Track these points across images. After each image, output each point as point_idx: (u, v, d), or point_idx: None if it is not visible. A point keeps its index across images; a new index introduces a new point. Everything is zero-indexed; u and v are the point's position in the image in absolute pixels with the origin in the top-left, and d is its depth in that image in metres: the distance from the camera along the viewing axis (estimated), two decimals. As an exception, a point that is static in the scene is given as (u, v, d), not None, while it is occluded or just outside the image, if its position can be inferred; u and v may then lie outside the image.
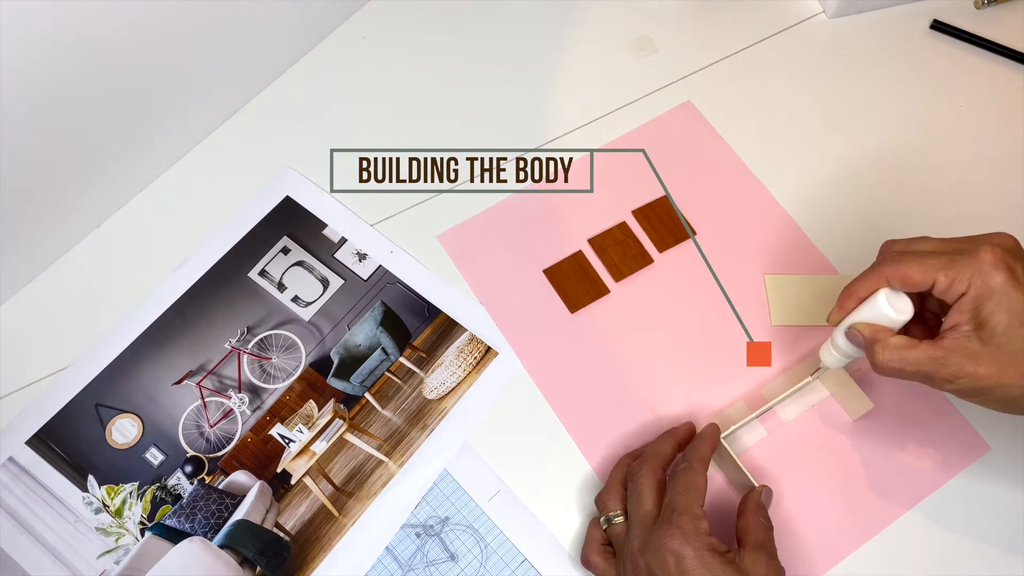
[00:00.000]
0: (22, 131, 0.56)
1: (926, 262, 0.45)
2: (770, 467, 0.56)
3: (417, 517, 0.57)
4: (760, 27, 0.70)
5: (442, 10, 0.73)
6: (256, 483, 0.59)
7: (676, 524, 0.46)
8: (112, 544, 0.58)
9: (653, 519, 0.48)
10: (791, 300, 0.60)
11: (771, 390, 0.58)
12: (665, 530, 0.46)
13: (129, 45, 0.58)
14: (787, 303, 0.60)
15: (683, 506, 0.47)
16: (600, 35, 0.71)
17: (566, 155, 0.66)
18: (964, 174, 0.64)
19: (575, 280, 0.62)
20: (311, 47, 0.72)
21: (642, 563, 0.47)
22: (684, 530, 0.46)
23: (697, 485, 0.48)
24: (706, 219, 0.64)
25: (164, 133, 0.66)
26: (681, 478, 0.49)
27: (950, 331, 0.45)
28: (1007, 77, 0.67)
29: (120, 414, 0.61)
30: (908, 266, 0.45)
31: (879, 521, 0.54)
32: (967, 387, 0.44)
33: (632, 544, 0.48)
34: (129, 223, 0.67)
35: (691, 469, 0.49)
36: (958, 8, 0.69)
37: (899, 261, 0.46)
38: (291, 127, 0.69)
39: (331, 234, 0.66)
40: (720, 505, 0.55)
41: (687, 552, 0.45)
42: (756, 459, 0.56)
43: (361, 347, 0.63)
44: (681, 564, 0.45)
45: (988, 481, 0.55)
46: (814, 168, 0.65)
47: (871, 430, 0.56)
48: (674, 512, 0.47)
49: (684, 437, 0.54)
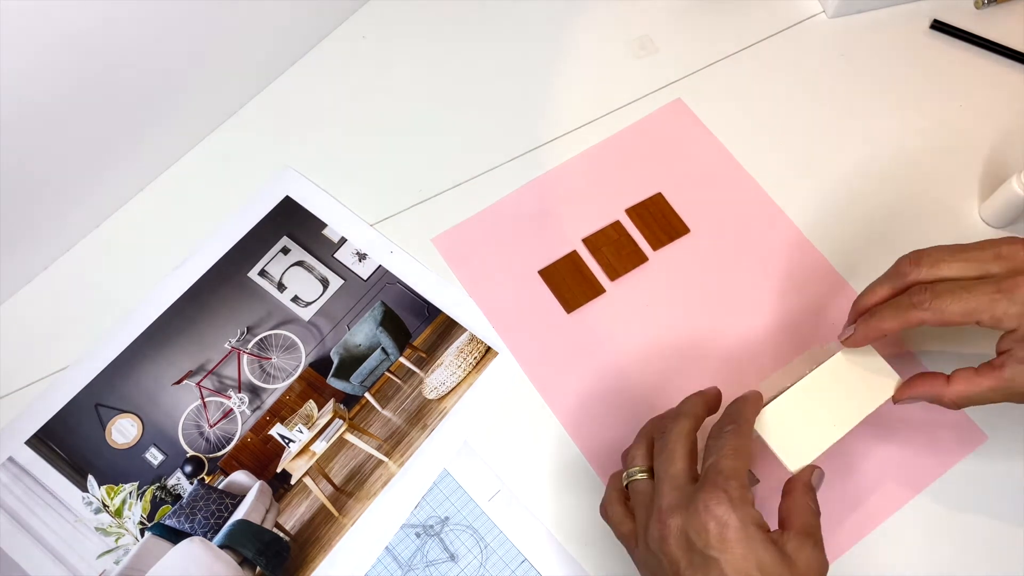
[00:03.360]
0: (21, 131, 0.56)
1: (965, 305, 0.44)
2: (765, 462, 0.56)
3: (417, 517, 0.57)
4: (760, 27, 0.70)
5: (442, 10, 0.73)
6: (256, 483, 0.59)
7: (724, 488, 0.42)
8: (112, 544, 0.58)
9: (685, 478, 0.45)
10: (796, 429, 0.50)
11: (768, 385, 0.58)
12: (711, 492, 0.42)
13: (129, 45, 0.58)
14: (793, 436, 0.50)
15: (731, 470, 0.43)
16: (600, 35, 0.71)
17: (564, 155, 0.66)
18: (964, 174, 0.64)
19: (570, 280, 0.62)
20: (311, 47, 0.72)
21: (674, 524, 0.43)
22: (732, 497, 0.42)
23: (748, 450, 0.45)
24: (700, 217, 0.64)
25: (164, 133, 0.66)
26: (731, 440, 0.45)
27: (1006, 356, 0.45)
28: (1007, 77, 0.67)
29: (120, 414, 0.61)
30: (947, 314, 0.45)
31: (878, 514, 0.55)
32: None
33: (660, 502, 0.44)
34: (129, 223, 0.67)
35: (740, 432, 0.45)
36: (958, 8, 0.69)
37: (937, 309, 0.45)
38: (291, 126, 0.69)
39: (331, 234, 0.66)
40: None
41: (732, 521, 0.41)
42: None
43: (361, 347, 0.63)
44: (723, 532, 0.41)
45: (986, 470, 0.55)
46: (813, 167, 0.65)
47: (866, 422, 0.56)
48: (720, 475, 0.43)
49: (714, 400, 0.51)
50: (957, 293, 0.45)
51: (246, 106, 0.70)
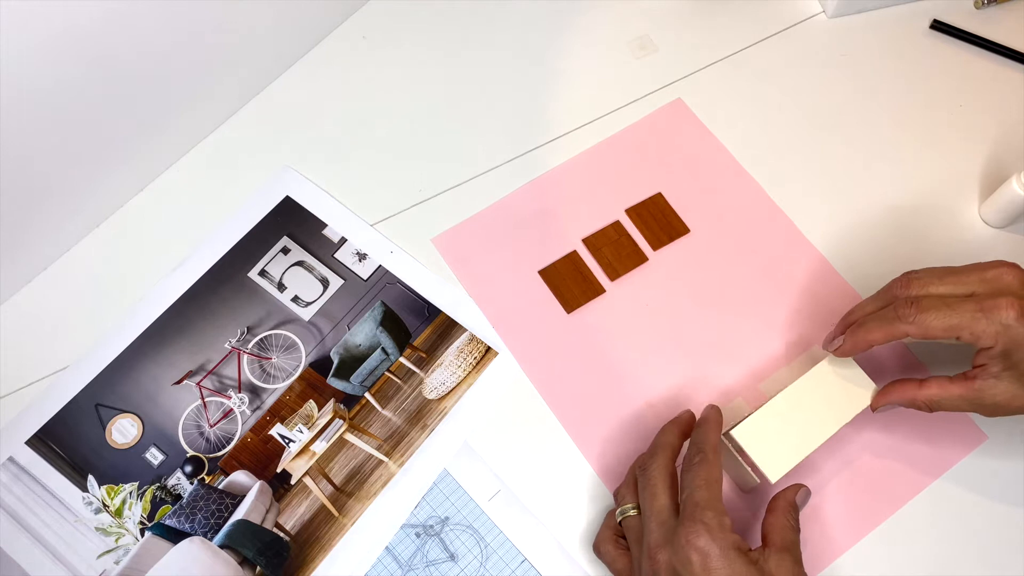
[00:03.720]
0: (20, 131, 0.56)
1: (947, 321, 0.47)
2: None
3: (417, 517, 0.57)
4: (759, 27, 0.70)
5: (442, 9, 0.73)
6: (256, 483, 0.59)
7: (700, 520, 0.45)
8: (112, 544, 0.58)
9: (668, 513, 0.47)
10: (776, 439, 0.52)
11: (769, 385, 0.58)
12: (689, 527, 0.45)
13: (128, 45, 0.58)
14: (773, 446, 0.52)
15: (706, 501, 0.46)
16: (600, 35, 0.71)
17: (564, 155, 0.67)
18: (963, 174, 0.64)
19: (570, 281, 0.62)
20: (311, 47, 0.72)
21: (662, 559, 0.46)
22: (709, 527, 0.45)
23: (716, 478, 0.47)
24: (700, 216, 0.64)
25: (163, 133, 0.66)
26: (700, 471, 0.47)
27: (981, 370, 0.48)
28: (1007, 77, 0.67)
29: (120, 414, 0.61)
30: (930, 328, 0.47)
31: (878, 515, 0.55)
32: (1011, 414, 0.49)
33: (649, 539, 0.47)
34: (129, 223, 0.67)
35: (706, 461, 0.48)
36: (958, 8, 0.69)
37: (921, 323, 0.47)
38: (291, 127, 0.69)
39: (331, 234, 0.66)
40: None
41: (713, 551, 0.44)
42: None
43: (361, 347, 0.63)
44: (707, 563, 0.44)
45: (985, 470, 0.55)
46: (812, 167, 0.65)
47: (866, 423, 0.56)
48: (697, 507, 0.46)
49: (687, 425, 0.53)
50: (941, 309, 0.47)
51: (246, 106, 0.70)
